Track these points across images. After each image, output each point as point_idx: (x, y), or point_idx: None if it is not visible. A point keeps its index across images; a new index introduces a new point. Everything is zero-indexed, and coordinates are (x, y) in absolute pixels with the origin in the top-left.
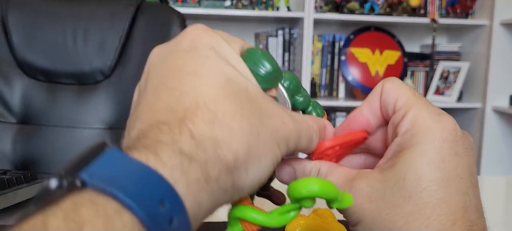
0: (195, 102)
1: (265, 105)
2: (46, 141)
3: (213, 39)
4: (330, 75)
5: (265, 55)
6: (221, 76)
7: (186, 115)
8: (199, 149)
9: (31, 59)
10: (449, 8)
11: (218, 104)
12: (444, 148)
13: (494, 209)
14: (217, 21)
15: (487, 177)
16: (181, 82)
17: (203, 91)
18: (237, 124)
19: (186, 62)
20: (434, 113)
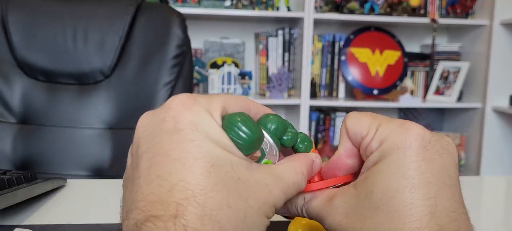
0: (185, 195)
1: (251, 181)
2: (46, 141)
3: (194, 115)
4: (330, 75)
5: (244, 121)
6: (206, 162)
7: (178, 210)
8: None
9: (31, 59)
10: (449, 8)
11: (206, 197)
12: (409, 155)
13: (494, 209)
14: (217, 21)
15: (487, 177)
16: (169, 171)
17: (191, 181)
18: (224, 215)
19: (172, 146)
20: (397, 125)
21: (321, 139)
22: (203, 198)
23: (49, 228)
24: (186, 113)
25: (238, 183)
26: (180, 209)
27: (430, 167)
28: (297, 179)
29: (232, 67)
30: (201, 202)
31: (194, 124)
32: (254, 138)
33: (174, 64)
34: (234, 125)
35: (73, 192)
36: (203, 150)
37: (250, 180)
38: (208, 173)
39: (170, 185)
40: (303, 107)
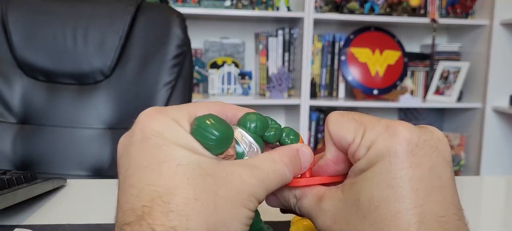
0: (150, 197)
1: (220, 174)
2: (46, 141)
3: (160, 124)
4: (330, 75)
5: (212, 122)
6: (171, 165)
7: (144, 211)
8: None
9: (31, 59)
10: (449, 8)
11: (171, 194)
12: (395, 163)
13: (494, 209)
14: (217, 21)
15: (487, 177)
16: (138, 179)
17: (157, 184)
18: (191, 208)
19: (140, 156)
20: (383, 129)
21: (321, 139)
22: (168, 197)
23: (49, 228)
24: (152, 123)
25: (205, 177)
26: (146, 211)
27: (417, 173)
28: (276, 167)
29: (232, 67)
30: (166, 200)
31: (160, 132)
32: (221, 135)
33: (174, 64)
34: (200, 127)
35: (73, 192)
36: (168, 153)
37: (219, 173)
38: (174, 172)
39: (138, 190)
40: (303, 107)
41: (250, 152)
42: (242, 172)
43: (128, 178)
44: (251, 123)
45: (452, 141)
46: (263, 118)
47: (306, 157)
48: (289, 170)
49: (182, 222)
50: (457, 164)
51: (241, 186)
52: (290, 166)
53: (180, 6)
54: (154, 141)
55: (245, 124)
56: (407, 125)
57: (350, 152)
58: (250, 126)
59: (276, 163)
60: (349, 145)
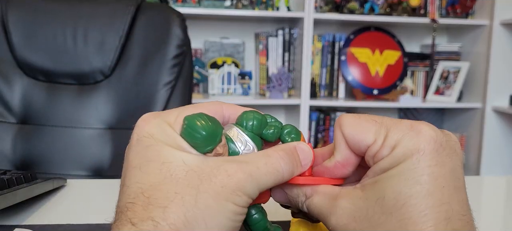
0: (134, 193)
1: (205, 170)
2: (46, 141)
3: (152, 126)
4: (330, 75)
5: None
6: (157, 162)
7: (128, 206)
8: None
9: (31, 59)
10: (449, 8)
11: (153, 190)
12: (422, 161)
13: (494, 209)
14: (217, 21)
15: (487, 177)
16: (129, 178)
17: (142, 181)
18: (170, 201)
19: (133, 157)
20: (408, 128)
21: (321, 139)
22: (150, 192)
23: (49, 228)
24: (145, 127)
25: (188, 173)
26: (129, 206)
27: (443, 171)
28: (268, 161)
29: (232, 67)
30: (148, 195)
31: (151, 134)
32: (206, 135)
33: (174, 64)
34: (188, 126)
35: (73, 192)
36: (156, 152)
37: (203, 169)
38: (158, 170)
39: (127, 188)
40: (303, 107)
41: (246, 151)
42: (228, 166)
43: (123, 179)
44: (247, 121)
45: None
46: (261, 115)
47: (305, 154)
48: (285, 165)
49: (159, 212)
50: None
51: (226, 180)
52: (287, 161)
53: (180, 6)
54: (145, 142)
55: (242, 122)
56: (430, 125)
57: (370, 153)
58: (247, 124)
59: (269, 157)
60: (368, 146)
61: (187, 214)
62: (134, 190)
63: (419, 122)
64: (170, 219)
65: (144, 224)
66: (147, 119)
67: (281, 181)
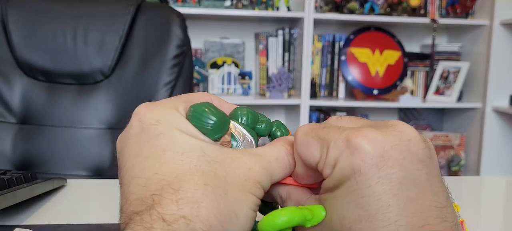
0: (160, 186)
1: (226, 161)
2: (46, 141)
3: (158, 112)
4: (330, 75)
5: (206, 107)
6: (175, 152)
7: (154, 200)
8: (172, 229)
9: (31, 59)
10: (449, 8)
11: (180, 182)
12: (361, 181)
13: (494, 209)
14: (217, 21)
15: (487, 177)
16: (142, 169)
17: (164, 172)
18: (201, 194)
19: (141, 146)
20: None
21: None
22: (178, 184)
23: (49, 228)
24: (149, 113)
25: (211, 164)
26: (156, 199)
27: (388, 187)
28: (279, 155)
29: (232, 67)
30: (176, 187)
31: (158, 120)
32: (218, 120)
33: (174, 64)
34: (196, 112)
35: (73, 192)
36: (170, 140)
37: (225, 160)
38: (179, 160)
39: (145, 180)
40: (303, 107)
41: (245, 143)
42: (247, 159)
43: (130, 170)
44: (242, 116)
45: (452, 141)
46: (253, 112)
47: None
48: (291, 159)
49: (192, 209)
50: (457, 164)
51: (248, 173)
52: (291, 154)
53: (180, 6)
54: (153, 129)
55: (236, 117)
56: (369, 134)
57: (319, 169)
58: (242, 119)
59: (279, 150)
60: (316, 164)
61: (219, 207)
62: (156, 181)
63: (357, 133)
64: (203, 216)
65: (177, 222)
66: (149, 106)
67: (287, 175)
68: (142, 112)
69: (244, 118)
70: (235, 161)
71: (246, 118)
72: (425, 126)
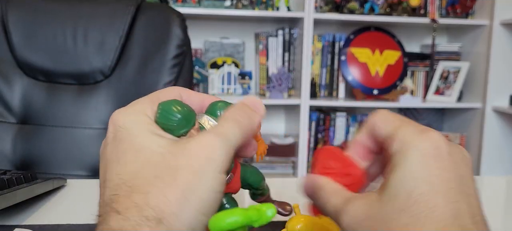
0: (116, 185)
1: (179, 148)
2: (46, 141)
3: (124, 118)
4: (330, 75)
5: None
6: (132, 152)
7: (112, 199)
8: (125, 219)
9: (31, 59)
10: (449, 8)
11: (134, 178)
12: (429, 163)
13: (494, 209)
14: (217, 21)
15: (487, 177)
16: (110, 173)
17: (122, 172)
18: (152, 185)
19: (110, 152)
20: (419, 131)
21: (321, 138)
22: (131, 181)
23: (49, 228)
24: (117, 121)
25: (165, 155)
26: (114, 198)
27: (451, 175)
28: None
29: (232, 67)
30: (130, 184)
31: (123, 126)
32: (182, 117)
33: (174, 64)
34: (164, 110)
35: (73, 192)
36: (129, 143)
37: (177, 149)
38: (135, 158)
39: (109, 182)
40: (303, 107)
41: None
42: (200, 139)
43: (103, 175)
44: (220, 110)
45: (452, 141)
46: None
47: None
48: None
49: (142, 199)
50: None
51: (198, 148)
52: (242, 113)
53: (180, 6)
54: (119, 135)
55: (213, 111)
56: (439, 133)
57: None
58: (220, 113)
59: (227, 118)
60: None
61: (168, 194)
62: (115, 182)
63: (430, 129)
64: (153, 202)
65: (130, 212)
66: (118, 113)
67: (247, 133)
68: (115, 118)
69: (222, 111)
70: (187, 146)
71: (222, 111)
72: (425, 126)
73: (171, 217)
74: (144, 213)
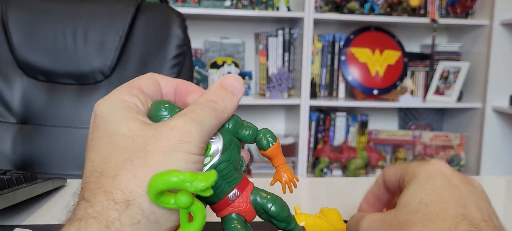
0: (89, 173)
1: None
2: (46, 141)
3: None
4: (330, 75)
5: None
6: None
7: (83, 188)
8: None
9: (31, 59)
10: (449, 8)
11: (105, 164)
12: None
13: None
14: (217, 21)
15: (487, 177)
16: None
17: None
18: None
19: (89, 140)
20: (424, 162)
21: (321, 138)
22: (102, 167)
23: (49, 228)
24: (97, 109)
25: (134, 138)
26: (85, 186)
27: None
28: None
29: (232, 67)
30: (100, 170)
31: (101, 113)
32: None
33: (174, 64)
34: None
35: (73, 192)
36: (104, 128)
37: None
38: (106, 144)
39: (85, 170)
40: (303, 107)
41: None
42: (170, 121)
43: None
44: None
45: (452, 141)
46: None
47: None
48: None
49: (109, 182)
50: (457, 164)
51: (170, 133)
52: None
53: (180, 6)
54: (96, 123)
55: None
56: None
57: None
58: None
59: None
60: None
61: (137, 174)
62: (89, 169)
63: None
64: (122, 184)
65: (97, 198)
66: (99, 101)
67: (222, 117)
68: (95, 107)
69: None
70: (158, 127)
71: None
72: (425, 126)
73: (141, 197)
74: (112, 197)
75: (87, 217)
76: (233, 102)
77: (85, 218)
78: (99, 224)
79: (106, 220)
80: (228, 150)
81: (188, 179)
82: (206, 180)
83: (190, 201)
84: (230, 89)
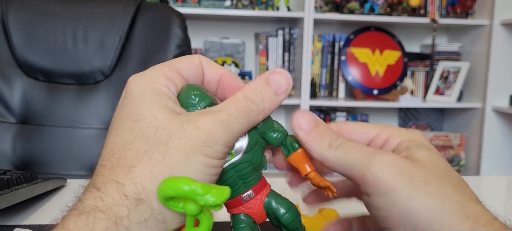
0: (106, 155)
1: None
2: (46, 141)
3: (135, 84)
4: (330, 75)
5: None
6: (130, 121)
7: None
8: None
9: (31, 59)
10: (449, 8)
11: (124, 150)
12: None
13: (494, 209)
14: (217, 21)
15: (487, 177)
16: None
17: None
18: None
19: (114, 117)
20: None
21: None
22: (120, 153)
23: (49, 228)
24: (130, 84)
25: (158, 130)
26: (98, 170)
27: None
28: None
29: (232, 67)
30: (117, 156)
31: (129, 92)
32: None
33: None
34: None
35: (73, 192)
36: (131, 110)
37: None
38: (130, 128)
39: (103, 150)
40: (303, 107)
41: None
42: (198, 119)
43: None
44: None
45: (452, 141)
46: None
47: (278, 83)
48: (257, 102)
49: (124, 173)
50: (457, 164)
51: (194, 133)
52: (257, 98)
53: (180, 6)
54: (125, 101)
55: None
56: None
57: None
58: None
59: (239, 101)
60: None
61: (154, 171)
62: (107, 151)
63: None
64: (137, 178)
65: (108, 189)
66: (133, 76)
67: (256, 120)
68: (128, 82)
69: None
70: (184, 123)
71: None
72: (425, 126)
73: (153, 195)
74: (124, 191)
75: (96, 210)
76: (274, 104)
77: (94, 211)
78: (107, 220)
79: (115, 216)
80: (251, 151)
81: (200, 191)
82: (217, 196)
83: (199, 210)
84: (274, 88)
